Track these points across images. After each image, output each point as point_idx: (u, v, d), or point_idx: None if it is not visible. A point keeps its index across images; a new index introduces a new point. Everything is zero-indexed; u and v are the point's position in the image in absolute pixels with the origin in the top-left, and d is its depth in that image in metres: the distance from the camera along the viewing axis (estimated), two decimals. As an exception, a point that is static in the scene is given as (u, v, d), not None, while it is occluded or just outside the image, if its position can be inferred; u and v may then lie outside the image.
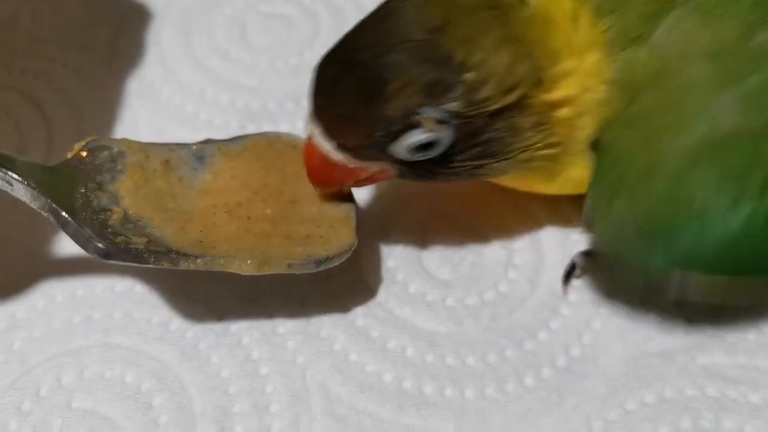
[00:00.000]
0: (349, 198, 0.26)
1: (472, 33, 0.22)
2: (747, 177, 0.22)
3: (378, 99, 0.22)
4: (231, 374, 0.26)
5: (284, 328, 0.27)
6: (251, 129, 0.31)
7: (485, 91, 0.22)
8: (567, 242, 0.28)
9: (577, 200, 0.25)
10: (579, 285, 0.27)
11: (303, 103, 0.32)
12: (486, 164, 0.24)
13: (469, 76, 0.22)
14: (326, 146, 0.23)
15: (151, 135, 0.31)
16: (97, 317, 0.27)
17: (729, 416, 0.24)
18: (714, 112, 0.22)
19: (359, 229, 0.26)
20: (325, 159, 0.24)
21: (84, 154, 0.25)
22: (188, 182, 0.26)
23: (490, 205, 0.29)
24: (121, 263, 0.24)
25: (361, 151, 0.23)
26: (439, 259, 0.28)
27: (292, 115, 0.32)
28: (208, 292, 0.27)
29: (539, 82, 0.23)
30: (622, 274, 0.26)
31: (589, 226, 0.24)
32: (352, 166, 0.24)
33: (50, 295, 0.28)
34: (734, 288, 0.24)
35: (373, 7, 0.34)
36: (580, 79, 0.23)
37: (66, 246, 0.29)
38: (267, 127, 0.31)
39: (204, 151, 0.27)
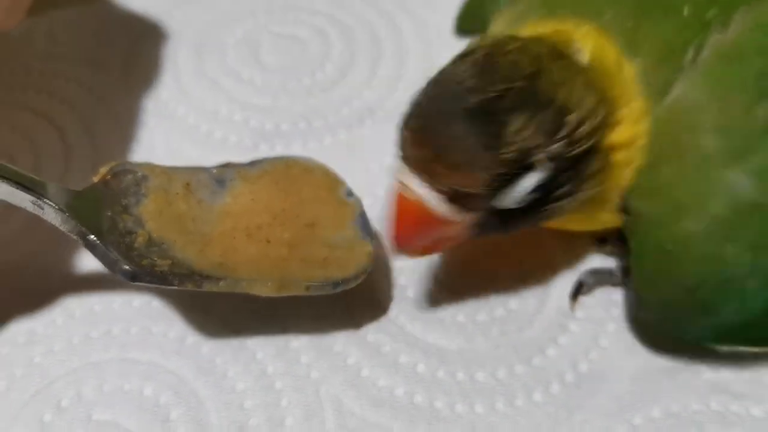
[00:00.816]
0: (365, 221, 0.27)
1: (562, 78, 0.23)
2: None
3: (496, 142, 0.22)
4: (246, 388, 0.26)
5: (298, 342, 0.27)
6: (264, 148, 0.32)
7: (581, 132, 0.23)
8: (575, 260, 0.29)
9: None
10: (587, 302, 0.28)
11: (315, 123, 0.33)
12: (556, 208, 0.24)
13: (571, 117, 0.22)
14: (433, 199, 0.23)
15: (166, 154, 0.31)
16: (116, 332, 0.28)
17: (733, 430, 0.25)
18: (731, 187, 0.23)
19: (373, 251, 0.26)
20: (424, 215, 0.23)
21: (112, 176, 0.26)
22: (208, 205, 0.27)
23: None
24: (146, 285, 0.25)
25: (471, 200, 0.23)
26: (449, 276, 0.29)
27: (305, 135, 0.33)
28: (223, 308, 0.28)
29: (608, 126, 0.23)
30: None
31: (638, 301, 0.25)
32: (454, 219, 0.23)
33: (69, 311, 0.28)
34: None
35: (382, 28, 0.36)
36: (632, 125, 0.24)
37: (85, 263, 0.29)
38: (279, 146, 0.32)
39: (224, 175, 0.27)
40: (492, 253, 0.29)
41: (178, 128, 0.33)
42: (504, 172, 0.22)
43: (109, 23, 0.36)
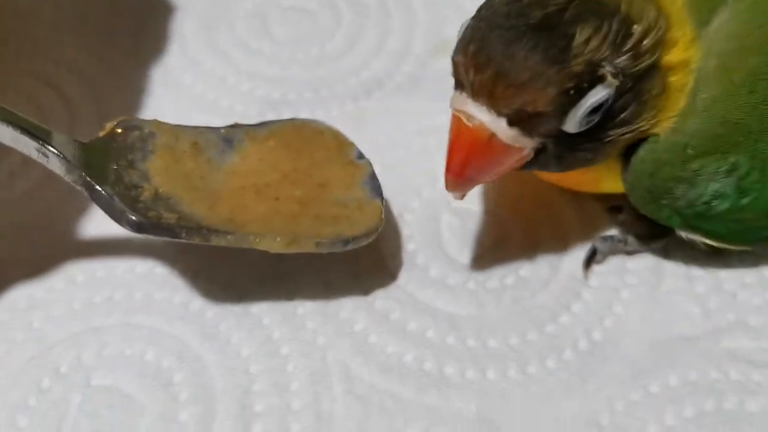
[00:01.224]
0: (374, 178, 0.26)
1: None
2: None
3: (566, 55, 0.21)
4: (251, 354, 0.26)
5: (304, 309, 0.27)
6: (271, 116, 0.31)
7: (646, 45, 0.22)
8: (588, 227, 0.28)
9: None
10: (600, 270, 0.27)
11: (323, 93, 0.32)
12: (618, 137, 0.23)
13: (637, 27, 0.22)
14: (497, 124, 0.21)
15: (172, 120, 0.31)
16: (118, 297, 0.27)
17: (754, 399, 0.24)
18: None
19: (384, 212, 0.26)
20: (488, 143, 0.22)
21: (119, 131, 0.25)
22: (216, 164, 0.26)
23: (510, 193, 0.29)
24: (152, 237, 0.24)
25: (537, 123, 0.22)
26: (460, 243, 0.28)
27: (312, 104, 0.32)
28: (228, 274, 0.27)
29: (665, 43, 0.23)
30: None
31: (629, 184, 0.25)
32: (517, 145, 0.22)
33: (71, 276, 0.28)
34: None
35: (393, 2, 0.35)
36: (685, 48, 0.23)
37: (87, 229, 0.29)
38: (286, 115, 0.31)
39: (232, 135, 0.27)
40: (503, 220, 0.28)
41: (185, 96, 0.32)
42: (573, 86, 0.21)
43: (118, -5, 0.36)
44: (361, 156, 0.27)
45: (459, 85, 0.22)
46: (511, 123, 0.21)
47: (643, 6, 0.22)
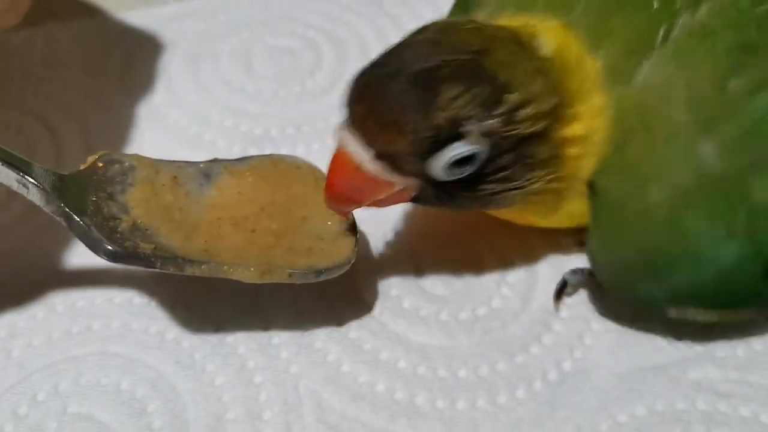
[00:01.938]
0: (350, 215, 0.27)
1: (511, 60, 0.23)
2: (733, 217, 0.23)
3: (429, 107, 0.22)
4: (225, 382, 0.26)
5: (279, 339, 0.27)
6: (253, 152, 0.32)
7: (522, 114, 0.23)
8: (559, 260, 0.29)
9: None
10: (571, 302, 0.28)
11: (304, 129, 0.33)
12: (502, 192, 0.24)
13: (512, 96, 0.23)
14: (363, 155, 0.23)
15: (156, 154, 0.31)
16: (96, 327, 0.28)
17: (720, 429, 0.25)
18: (698, 158, 0.23)
19: (357, 244, 0.26)
20: (355, 170, 0.23)
21: (100, 164, 0.26)
22: (195, 197, 0.27)
23: (483, 225, 0.29)
24: (128, 266, 0.25)
25: (399, 161, 0.23)
26: (433, 275, 0.29)
27: (294, 140, 0.33)
28: (205, 304, 0.28)
29: (560, 118, 0.24)
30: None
31: (592, 265, 0.26)
32: (383, 179, 0.23)
33: (51, 306, 0.28)
34: (727, 316, 0.26)
35: (374, 41, 0.36)
36: (589, 121, 0.24)
37: (68, 259, 0.29)
38: (268, 151, 0.32)
39: (211, 169, 0.28)
40: (476, 252, 0.29)
41: (169, 131, 0.33)
42: (432, 137, 0.22)
43: (108, 34, 0.37)
44: None
45: (344, 113, 0.24)
46: (378, 157, 0.23)
47: (529, 79, 0.23)
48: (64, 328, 0.28)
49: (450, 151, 0.23)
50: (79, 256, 0.29)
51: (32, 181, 0.24)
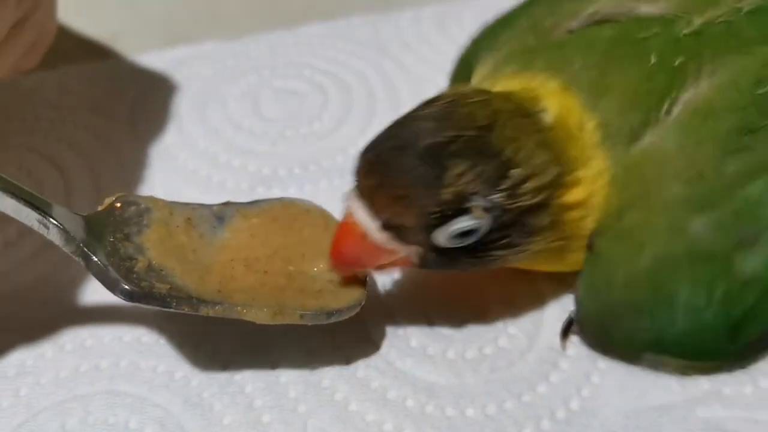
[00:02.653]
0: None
1: (516, 134, 0.24)
2: (714, 288, 0.25)
3: (436, 183, 0.23)
4: (233, 421, 0.26)
5: (287, 377, 0.27)
6: (261, 191, 0.33)
7: (525, 188, 0.24)
8: (565, 298, 0.29)
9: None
10: (577, 340, 0.28)
11: (311, 168, 0.34)
12: (506, 255, 0.25)
13: (515, 172, 0.24)
14: (370, 225, 0.24)
15: (165, 195, 0.32)
16: (104, 366, 0.28)
17: (729, 468, 0.25)
18: (689, 232, 0.25)
19: (367, 287, 0.27)
20: (362, 238, 0.24)
21: (117, 206, 0.27)
22: (208, 239, 0.27)
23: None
24: (144, 306, 0.25)
25: (406, 233, 0.24)
26: (440, 314, 0.29)
27: (301, 179, 0.33)
28: (213, 343, 0.28)
29: (561, 186, 0.25)
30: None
31: (577, 308, 0.27)
32: (389, 247, 0.24)
33: (60, 344, 0.28)
34: (695, 369, 0.27)
35: (379, 83, 0.37)
36: (589, 185, 0.25)
37: (77, 298, 0.30)
38: (276, 190, 0.33)
39: (224, 212, 0.28)
40: (482, 291, 0.29)
41: (179, 172, 0.34)
42: (438, 212, 0.23)
43: (119, 77, 0.38)
44: None
45: (353, 183, 0.25)
46: (384, 228, 0.24)
47: (533, 153, 0.24)
48: (73, 367, 0.28)
49: (454, 224, 0.24)
50: (89, 295, 0.30)
51: (54, 221, 0.25)
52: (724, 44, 0.25)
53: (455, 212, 0.23)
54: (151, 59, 0.39)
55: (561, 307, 0.29)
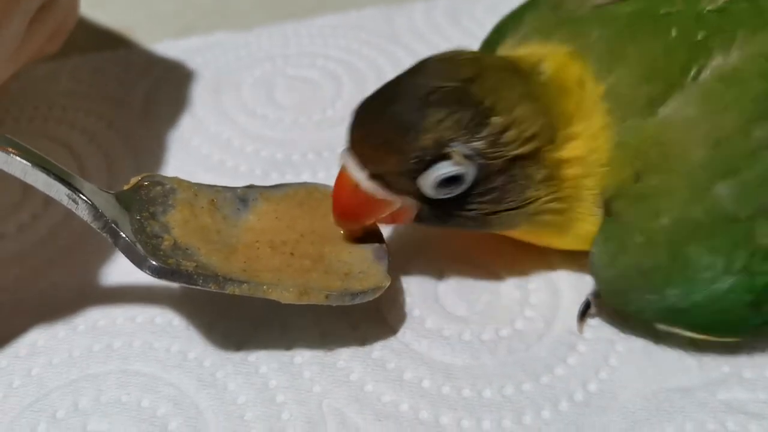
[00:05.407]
0: (381, 241, 0.28)
1: (499, 86, 0.24)
2: (735, 255, 0.24)
3: (414, 130, 0.24)
4: (247, 401, 0.26)
5: (302, 358, 0.27)
6: (275, 177, 0.33)
7: (508, 137, 0.24)
8: (581, 281, 0.28)
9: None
10: (595, 323, 0.28)
11: (325, 155, 0.34)
12: (499, 211, 0.25)
13: (496, 119, 0.24)
14: (359, 175, 0.25)
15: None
16: (117, 346, 0.27)
17: (752, 449, 0.24)
18: (713, 196, 0.24)
19: (389, 270, 0.27)
20: (354, 189, 0.25)
21: (143, 185, 0.27)
22: (232, 221, 0.27)
23: (505, 247, 0.29)
24: (169, 284, 0.25)
25: (391, 180, 0.25)
26: (455, 296, 0.28)
27: (314, 165, 0.33)
28: (227, 324, 0.28)
29: (552, 140, 0.25)
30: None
31: (593, 275, 0.26)
32: (379, 197, 0.25)
33: (72, 325, 0.28)
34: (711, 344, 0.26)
35: (392, 71, 0.37)
36: (588, 141, 0.25)
37: (90, 279, 0.29)
38: (289, 175, 0.33)
39: (247, 195, 0.28)
40: (498, 274, 0.29)
41: (192, 157, 0.34)
42: (417, 156, 0.24)
43: (132, 66, 0.38)
44: None
45: (346, 139, 0.25)
46: (372, 177, 0.25)
47: (516, 103, 0.24)
48: (85, 346, 0.27)
49: (436, 170, 0.24)
50: (101, 277, 0.29)
51: (83, 197, 0.25)
52: (750, 21, 0.25)
53: (435, 158, 0.24)
54: (165, 48, 0.39)
55: (577, 291, 0.28)
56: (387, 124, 0.24)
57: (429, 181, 0.24)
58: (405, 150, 0.24)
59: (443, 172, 0.24)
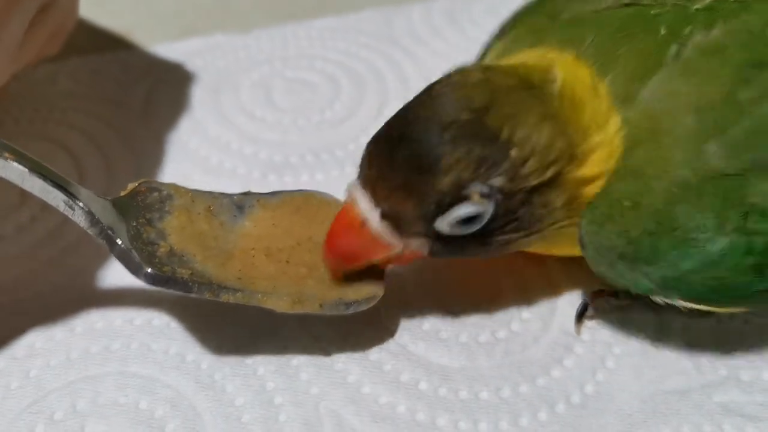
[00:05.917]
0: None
1: (514, 111, 0.23)
2: (727, 214, 0.23)
3: (432, 173, 0.23)
4: (245, 403, 0.26)
5: (299, 360, 0.27)
6: (273, 179, 0.33)
7: (528, 167, 0.23)
8: (578, 283, 0.28)
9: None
10: (592, 325, 0.28)
11: (323, 157, 0.34)
12: (516, 239, 0.25)
13: (514, 152, 0.23)
14: (371, 214, 0.24)
15: (177, 181, 0.32)
16: (115, 347, 0.27)
17: (748, 452, 0.24)
18: (701, 156, 0.23)
19: (385, 278, 0.27)
20: (360, 229, 0.24)
21: (140, 191, 0.27)
22: (229, 227, 0.27)
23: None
24: (159, 290, 0.25)
25: (405, 223, 0.24)
26: (452, 298, 0.28)
27: (313, 167, 0.33)
28: (225, 326, 0.28)
29: (573, 158, 0.24)
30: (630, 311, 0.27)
31: (582, 249, 0.25)
32: (387, 240, 0.24)
33: (70, 327, 0.28)
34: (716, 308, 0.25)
35: (391, 74, 0.37)
36: (607, 152, 0.24)
37: (88, 282, 0.29)
38: (288, 178, 0.33)
39: (244, 202, 0.28)
40: (495, 275, 0.29)
41: (191, 159, 0.34)
42: (436, 201, 0.23)
43: (132, 68, 0.38)
44: None
45: (358, 172, 0.25)
46: (384, 217, 0.24)
47: (535, 129, 0.23)
48: (83, 348, 0.27)
49: (454, 212, 0.23)
50: (99, 279, 0.29)
51: (80, 203, 0.25)
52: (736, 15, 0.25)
53: (454, 200, 0.23)
54: (165, 50, 0.39)
55: (575, 293, 0.28)
56: (403, 164, 0.23)
57: (447, 222, 0.23)
58: (423, 193, 0.23)
59: (461, 213, 0.23)
